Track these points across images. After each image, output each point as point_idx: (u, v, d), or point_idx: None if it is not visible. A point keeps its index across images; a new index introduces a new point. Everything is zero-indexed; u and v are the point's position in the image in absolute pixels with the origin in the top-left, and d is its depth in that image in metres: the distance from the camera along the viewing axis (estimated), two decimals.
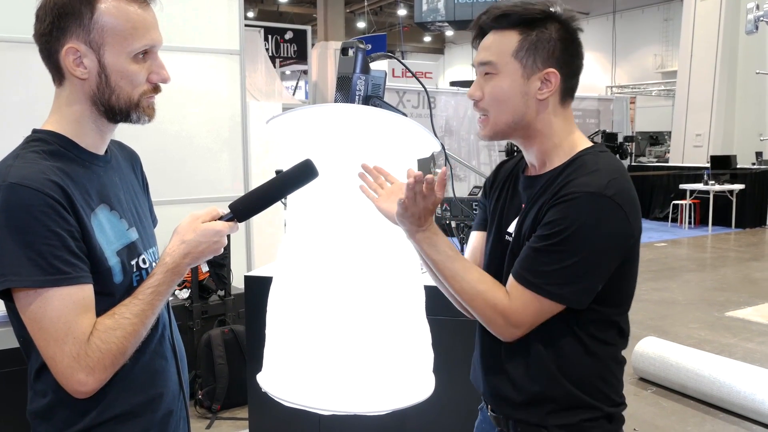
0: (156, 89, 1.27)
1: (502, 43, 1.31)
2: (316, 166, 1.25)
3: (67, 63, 1.17)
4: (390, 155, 1.47)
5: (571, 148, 1.35)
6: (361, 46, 1.48)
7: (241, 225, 1.27)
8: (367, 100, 1.51)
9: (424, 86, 1.63)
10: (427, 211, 1.30)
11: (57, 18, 1.16)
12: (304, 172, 1.25)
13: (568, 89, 1.34)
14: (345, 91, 1.50)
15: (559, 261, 1.24)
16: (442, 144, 1.51)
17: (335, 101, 1.52)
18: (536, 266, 1.26)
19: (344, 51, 1.50)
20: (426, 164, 2.71)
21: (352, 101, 1.50)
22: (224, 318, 3.92)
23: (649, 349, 4.26)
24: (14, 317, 1.16)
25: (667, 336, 4.88)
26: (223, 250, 1.25)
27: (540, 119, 1.33)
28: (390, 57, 1.67)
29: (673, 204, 11.45)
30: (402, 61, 1.80)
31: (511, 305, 1.28)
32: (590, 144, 1.37)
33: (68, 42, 1.17)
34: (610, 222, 1.23)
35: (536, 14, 1.30)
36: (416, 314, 1.59)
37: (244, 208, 1.24)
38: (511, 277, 1.30)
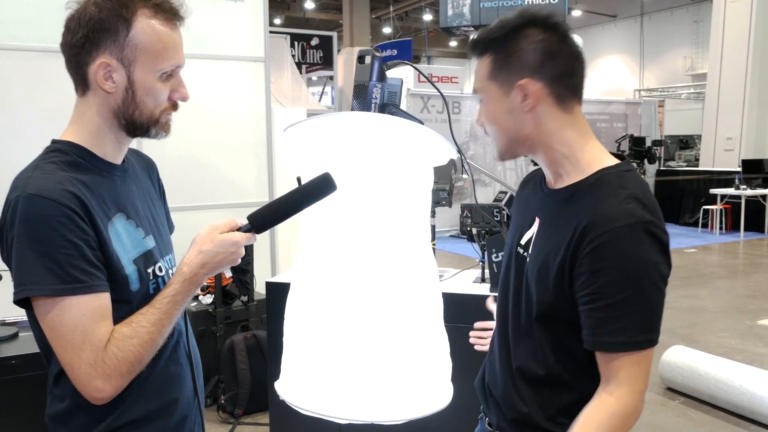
0: (175, 106, 1.29)
1: (481, 69, 1.30)
2: (334, 180, 1.25)
3: (96, 76, 1.20)
4: (406, 163, 1.47)
5: (588, 162, 1.25)
6: (377, 54, 1.48)
7: (266, 231, 1.28)
8: (383, 108, 1.50)
9: (440, 92, 1.62)
10: None
11: (92, 32, 1.18)
12: (322, 186, 1.25)
13: (562, 92, 1.24)
14: (362, 99, 1.50)
15: (635, 307, 1.14)
16: (460, 151, 1.50)
17: (352, 109, 1.52)
18: (613, 323, 1.15)
19: (361, 59, 1.50)
20: (447, 171, 2.70)
21: (368, 109, 1.50)
22: (247, 323, 3.95)
23: (677, 358, 4.18)
24: (34, 324, 1.19)
25: (696, 345, 4.79)
26: (240, 260, 1.26)
27: (539, 130, 1.26)
28: (405, 64, 1.67)
29: (704, 209, 11.25)
30: (416, 67, 1.80)
31: (619, 387, 1.17)
32: (611, 159, 1.27)
33: (100, 56, 1.19)
34: (659, 250, 1.16)
35: (500, 33, 1.26)
36: (434, 322, 1.58)
37: (262, 220, 1.25)
38: (600, 355, 1.19)
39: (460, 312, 2.52)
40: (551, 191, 1.32)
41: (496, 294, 1.60)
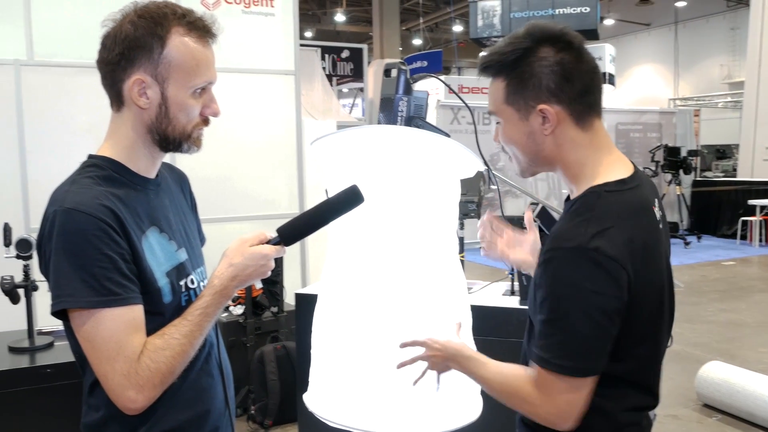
0: (206, 122, 1.32)
1: (495, 91, 1.28)
2: (362, 193, 1.26)
3: (131, 92, 1.23)
4: (432, 176, 1.47)
5: (592, 179, 1.24)
6: (403, 67, 1.49)
7: (295, 243, 1.30)
8: (409, 121, 1.52)
9: (466, 104, 1.64)
10: (445, 363, 1.37)
11: (127, 49, 1.22)
12: (350, 198, 1.27)
13: (581, 110, 1.23)
14: (388, 112, 1.52)
15: (560, 329, 1.15)
16: (486, 163, 1.50)
17: (379, 122, 1.54)
18: (544, 339, 1.17)
19: (387, 72, 1.52)
20: (475, 183, 2.69)
21: (395, 122, 1.51)
22: (277, 334, 3.97)
23: (714, 374, 4.07)
24: (70, 335, 1.22)
25: (734, 360, 4.67)
26: (270, 273, 1.28)
27: (557, 150, 1.25)
28: (431, 76, 1.68)
29: (742, 220, 11.00)
30: (441, 79, 1.81)
31: (536, 391, 1.19)
32: (619, 173, 1.24)
33: (135, 73, 1.22)
34: (599, 277, 1.12)
35: (512, 57, 1.23)
36: (463, 335, 1.57)
37: (291, 233, 1.27)
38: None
39: (489, 325, 2.51)
40: (565, 204, 1.34)
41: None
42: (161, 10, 1.23)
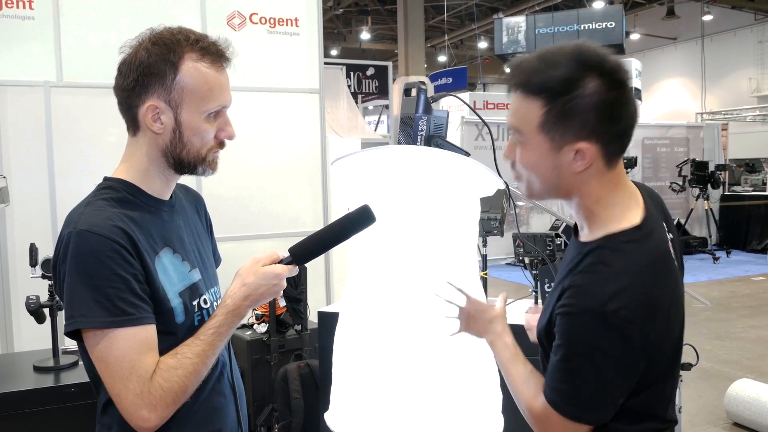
0: (221, 145, 1.33)
1: (528, 111, 1.15)
2: (373, 212, 1.26)
3: (145, 118, 1.25)
4: (452, 195, 1.47)
5: (606, 222, 1.18)
6: (423, 87, 1.50)
7: (320, 260, 1.31)
8: (429, 140, 1.52)
9: (483, 120, 1.64)
10: (479, 329, 1.43)
11: (141, 76, 1.24)
12: (362, 218, 1.27)
13: (612, 152, 1.16)
14: (408, 131, 1.52)
15: (570, 379, 1.14)
16: (506, 183, 1.50)
17: (399, 142, 1.55)
18: (554, 382, 1.17)
19: (407, 92, 1.52)
20: (498, 200, 2.68)
21: (414, 142, 1.52)
22: (301, 352, 3.97)
23: (744, 392, 3.98)
24: (84, 355, 1.23)
25: (764, 378, 4.55)
26: (282, 292, 1.28)
27: (578, 186, 1.18)
28: (448, 95, 1.69)
29: None
30: (459, 97, 1.81)
31: (538, 414, 1.21)
32: (633, 215, 1.18)
33: (149, 99, 1.24)
34: (614, 342, 1.09)
35: (557, 81, 1.11)
36: (484, 355, 1.56)
37: (303, 252, 1.27)
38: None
39: None
40: (573, 240, 1.28)
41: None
42: (174, 37, 1.25)
